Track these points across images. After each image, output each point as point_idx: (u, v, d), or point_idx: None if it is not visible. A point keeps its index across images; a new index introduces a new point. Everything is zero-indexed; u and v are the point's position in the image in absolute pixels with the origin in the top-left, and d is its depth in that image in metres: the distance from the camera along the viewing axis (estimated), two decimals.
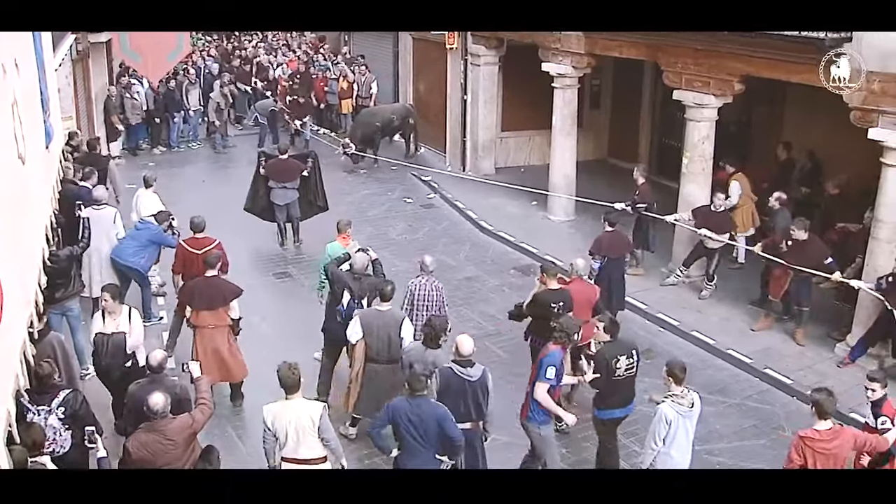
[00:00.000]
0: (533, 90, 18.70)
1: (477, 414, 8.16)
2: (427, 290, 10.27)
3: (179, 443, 7.26)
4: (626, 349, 8.79)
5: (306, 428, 7.48)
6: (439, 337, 8.59)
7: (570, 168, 17.23)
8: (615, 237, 12.28)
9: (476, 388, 8.06)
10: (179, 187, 18.94)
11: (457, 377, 8.00)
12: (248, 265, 10.83)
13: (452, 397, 7.96)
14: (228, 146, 23.59)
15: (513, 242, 16.19)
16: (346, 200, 18.67)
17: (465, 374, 8.01)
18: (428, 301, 10.23)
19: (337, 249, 11.30)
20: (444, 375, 8.06)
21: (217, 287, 10.14)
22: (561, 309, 9.73)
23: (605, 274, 12.05)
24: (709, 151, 13.73)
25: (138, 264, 12.16)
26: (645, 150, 20.59)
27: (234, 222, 15.52)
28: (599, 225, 16.29)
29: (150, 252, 12.32)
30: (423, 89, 23.43)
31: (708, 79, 13.00)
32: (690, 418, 7.79)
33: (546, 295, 10.03)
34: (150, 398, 7.19)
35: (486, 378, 8.16)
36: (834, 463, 7.25)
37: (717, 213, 13.03)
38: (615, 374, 8.67)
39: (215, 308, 10.05)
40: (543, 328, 9.56)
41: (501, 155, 21.19)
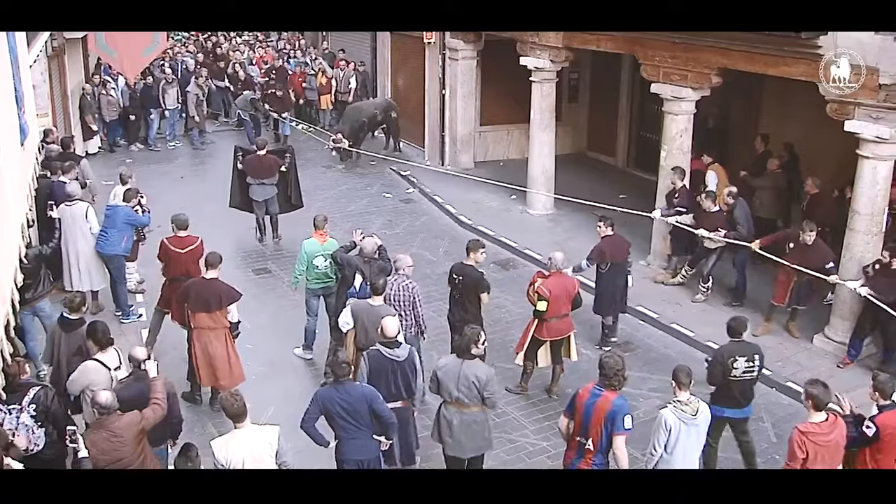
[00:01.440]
0: (511, 84, 18.70)
1: (407, 392, 8.45)
2: (400, 290, 9.96)
3: (128, 440, 7.14)
4: (748, 351, 8.74)
5: (263, 456, 6.98)
6: (470, 347, 8.12)
7: (548, 162, 17.26)
8: (615, 242, 11.71)
9: (405, 367, 8.35)
10: (158, 184, 18.78)
11: (385, 359, 8.26)
12: (227, 261, 10.76)
13: (383, 378, 8.27)
14: (207, 142, 23.46)
15: (492, 237, 16.17)
16: (325, 195, 18.63)
17: (393, 354, 8.29)
18: (401, 302, 9.91)
19: (314, 246, 11.28)
20: (372, 358, 8.30)
21: (214, 289, 9.95)
22: (461, 283, 10.24)
23: (608, 280, 11.75)
24: (687, 144, 13.80)
25: (123, 249, 12.22)
26: (623, 143, 20.67)
27: (213, 218, 15.46)
28: (580, 219, 16.58)
29: (128, 235, 12.34)
30: (401, 84, 23.38)
31: (685, 72, 13.05)
32: (696, 426, 7.56)
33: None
34: (97, 395, 7.16)
35: (412, 357, 8.48)
36: (834, 453, 7.32)
37: (710, 214, 12.76)
38: (730, 374, 8.63)
39: (212, 311, 9.88)
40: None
41: (480, 149, 21.19)
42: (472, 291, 10.31)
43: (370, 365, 8.25)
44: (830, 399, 7.50)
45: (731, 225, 12.57)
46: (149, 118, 22.87)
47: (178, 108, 23.20)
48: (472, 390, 8.02)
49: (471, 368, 8.05)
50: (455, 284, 10.42)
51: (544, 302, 10.21)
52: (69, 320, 8.95)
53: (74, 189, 12.25)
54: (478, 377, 8.00)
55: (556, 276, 10.44)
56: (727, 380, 8.66)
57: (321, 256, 11.22)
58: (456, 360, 8.17)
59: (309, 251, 11.25)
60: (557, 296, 10.24)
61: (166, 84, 22.68)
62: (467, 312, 10.31)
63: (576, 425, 7.61)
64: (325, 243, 11.32)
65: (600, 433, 7.40)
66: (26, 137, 9.85)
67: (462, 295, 10.37)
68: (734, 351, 8.70)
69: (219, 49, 29.51)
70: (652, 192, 14.43)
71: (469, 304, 10.35)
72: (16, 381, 7.43)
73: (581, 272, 11.70)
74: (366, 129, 21.85)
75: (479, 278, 10.35)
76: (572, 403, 7.66)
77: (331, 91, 23.98)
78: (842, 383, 10.07)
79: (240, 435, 7.05)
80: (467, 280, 10.32)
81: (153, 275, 12.45)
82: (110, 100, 21.71)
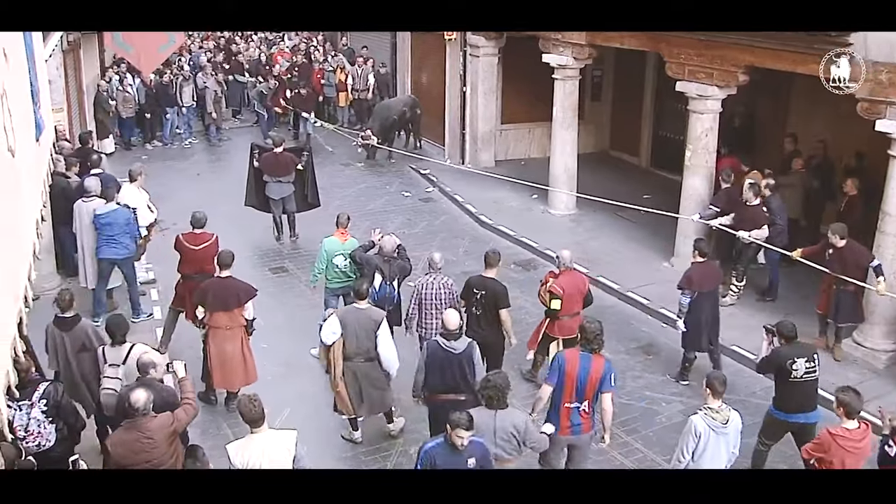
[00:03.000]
0: (533, 82, 18.62)
1: (464, 385, 8.42)
2: (435, 288, 10.09)
3: (160, 441, 7.14)
4: (806, 352, 8.68)
5: (281, 462, 6.90)
6: (504, 396, 7.46)
7: (570, 161, 17.20)
8: (706, 269, 10.94)
9: (461, 360, 8.39)
10: (174, 181, 18.92)
11: (442, 349, 8.41)
12: (244, 260, 10.84)
13: (438, 369, 8.40)
14: (223, 139, 23.53)
15: (513, 237, 16.16)
16: (343, 194, 18.65)
17: (450, 346, 8.39)
18: (436, 300, 10.04)
19: (334, 244, 11.29)
20: (430, 348, 8.48)
21: (232, 287, 9.99)
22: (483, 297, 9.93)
23: (697, 309, 10.85)
24: (712, 144, 13.71)
25: (129, 252, 12.18)
26: (647, 142, 20.58)
27: (229, 216, 15.49)
28: (602, 219, 16.54)
29: (132, 235, 12.26)
30: (421, 81, 23.37)
31: (711, 70, 12.96)
32: (725, 435, 7.52)
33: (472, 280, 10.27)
34: (131, 395, 7.12)
35: (471, 350, 8.48)
36: (860, 459, 7.34)
37: (750, 207, 12.51)
38: (791, 377, 8.56)
39: (230, 309, 9.91)
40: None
41: (501, 147, 21.13)
42: (494, 307, 9.94)
43: (427, 354, 8.49)
44: (862, 406, 7.44)
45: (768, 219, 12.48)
46: (164, 116, 23.00)
47: (194, 106, 23.30)
48: (512, 441, 7.46)
49: (507, 419, 7.45)
50: (476, 299, 9.96)
51: (558, 300, 10.24)
52: (64, 319, 8.90)
53: (92, 185, 12.24)
54: (516, 426, 7.43)
55: (566, 274, 10.46)
56: (789, 383, 8.58)
57: (341, 255, 11.22)
58: (487, 411, 7.41)
59: (329, 249, 11.25)
60: (570, 294, 10.28)
61: (183, 81, 22.83)
62: (488, 331, 9.96)
63: (567, 392, 7.94)
64: (345, 242, 11.33)
65: (594, 395, 7.96)
66: (41, 133, 9.88)
67: (484, 310, 9.93)
68: (792, 353, 8.62)
69: (233, 46, 29.59)
70: (676, 192, 14.35)
71: (491, 321, 9.97)
72: (26, 377, 7.46)
73: (683, 311, 10.86)
74: (396, 127, 21.96)
75: (503, 293, 9.99)
76: (560, 372, 7.94)
77: (348, 88, 24.01)
78: (871, 390, 10.00)
79: (257, 439, 7.02)
80: (489, 294, 9.92)
81: (167, 273, 12.49)
82: (126, 96, 21.87)
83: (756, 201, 12.55)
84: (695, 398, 10.46)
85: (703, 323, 10.89)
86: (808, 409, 8.71)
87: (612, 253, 15.23)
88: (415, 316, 10.19)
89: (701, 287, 10.78)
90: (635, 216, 15.39)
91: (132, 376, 8.07)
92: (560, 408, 8.02)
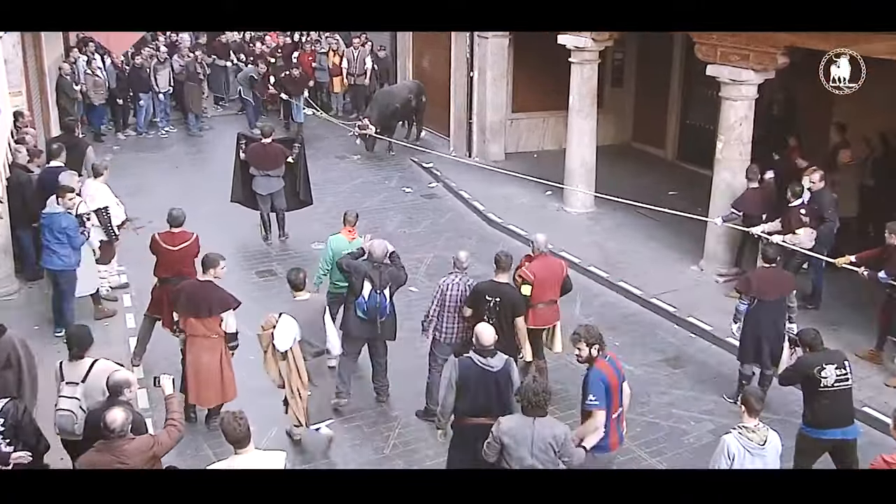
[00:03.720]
0: (548, 66, 18.55)
1: (499, 407, 8.11)
2: (461, 289, 10.15)
3: (136, 466, 6.94)
4: (835, 358, 8.60)
5: None
6: (543, 401, 7.33)
7: (588, 153, 17.10)
8: (771, 276, 10.68)
9: (498, 379, 8.17)
10: (149, 175, 18.84)
11: (476, 367, 8.15)
12: (228, 262, 10.69)
13: (471, 389, 8.13)
14: (205, 128, 23.45)
15: (524, 237, 15.99)
16: (337, 189, 18.56)
17: (486, 364, 8.15)
18: (460, 302, 10.13)
19: (341, 242, 11.27)
20: (463, 366, 8.19)
21: (207, 294, 9.83)
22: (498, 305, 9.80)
23: (755, 320, 10.56)
24: (746, 134, 13.56)
25: (70, 263, 11.80)
26: (674, 133, 20.52)
27: (211, 214, 15.41)
28: (623, 218, 16.43)
29: (76, 246, 11.86)
30: (424, 66, 23.32)
31: (747, 51, 12.81)
32: (762, 458, 7.36)
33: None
34: (107, 414, 6.98)
35: (509, 368, 8.27)
36: None
37: (791, 208, 12.39)
38: (822, 385, 8.47)
39: (201, 317, 9.80)
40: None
41: (512, 139, 21.08)
42: (511, 315, 9.89)
43: (460, 373, 8.18)
44: None
45: (816, 215, 12.28)
46: (138, 103, 22.80)
47: (170, 91, 23.13)
48: (549, 453, 7.35)
49: (546, 428, 7.37)
50: (489, 307, 9.81)
51: (528, 286, 10.36)
52: None
53: (69, 181, 12.11)
54: (555, 437, 7.36)
55: (541, 259, 10.62)
56: (819, 393, 8.47)
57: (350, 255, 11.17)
58: (524, 419, 7.38)
59: (335, 249, 11.18)
60: (543, 279, 10.44)
61: (158, 63, 22.62)
62: (503, 342, 9.63)
63: (613, 405, 8.01)
64: (353, 241, 11.31)
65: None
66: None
67: (498, 319, 9.69)
68: (819, 360, 8.52)
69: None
70: (706, 188, 14.24)
71: (507, 330, 9.78)
72: None
73: (739, 317, 10.69)
74: (398, 116, 21.84)
75: (520, 299, 10.05)
76: (607, 391, 7.89)
77: (342, 72, 23.91)
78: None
79: (241, 461, 6.88)
80: (505, 301, 9.83)
81: (141, 276, 12.38)
82: (97, 80, 21.66)
83: (796, 202, 12.40)
84: (727, 417, 10.37)
85: (763, 336, 10.56)
86: (843, 422, 8.55)
87: (634, 255, 15.15)
88: (434, 318, 10.29)
89: (761, 294, 10.51)
90: (660, 214, 15.26)
91: (93, 396, 7.91)
92: (608, 423, 7.99)
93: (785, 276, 10.96)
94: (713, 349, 12.31)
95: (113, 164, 13.68)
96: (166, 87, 22.89)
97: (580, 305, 13.40)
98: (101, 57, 22.28)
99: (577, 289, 13.82)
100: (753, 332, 10.60)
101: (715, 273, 13.97)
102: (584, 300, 13.61)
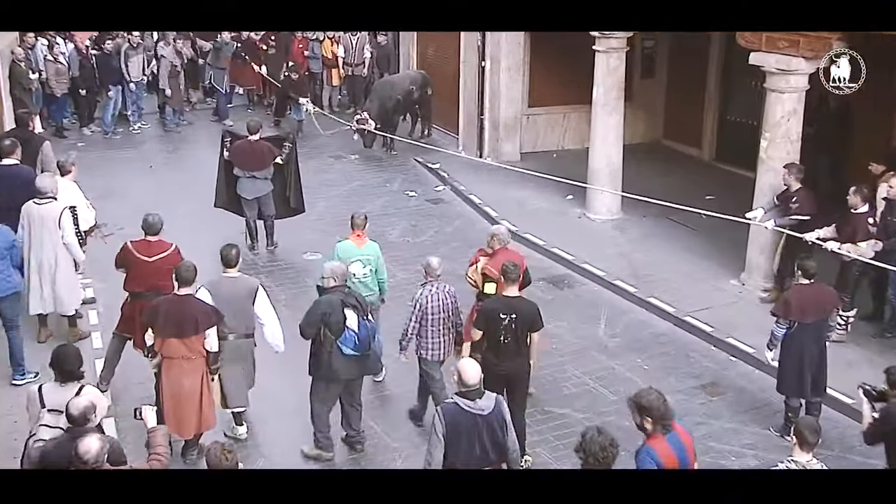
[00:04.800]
0: (569, 55, 18.58)
1: (496, 454, 8.02)
2: (441, 298, 10.34)
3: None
4: None
5: None
6: (613, 458, 6.88)
7: (614, 153, 17.13)
8: (812, 294, 10.56)
9: (491, 423, 7.95)
10: (120, 176, 18.85)
11: (465, 413, 7.88)
12: (208, 274, 10.68)
13: (464, 439, 7.87)
14: (182, 123, 23.47)
15: (542, 247, 16.09)
16: (332, 193, 18.59)
17: (475, 407, 7.90)
18: (443, 313, 10.31)
19: (350, 250, 11.35)
20: (448, 413, 7.90)
21: (190, 309, 9.80)
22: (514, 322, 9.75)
23: (796, 345, 10.47)
24: (795, 131, 13.52)
25: (11, 286, 11.58)
26: (711, 129, 20.50)
27: (191, 219, 15.48)
28: (653, 225, 16.42)
29: (6, 264, 11.60)
30: (430, 54, 23.37)
31: (797, 36, 12.70)
32: None
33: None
34: (80, 443, 6.95)
35: (500, 408, 8.05)
36: None
37: (856, 216, 12.25)
38: None
39: (186, 335, 9.75)
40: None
41: (528, 137, 21.14)
42: (529, 331, 9.93)
43: (446, 422, 7.87)
44: None
45: (886, 229, 12.16)
46: (106, 94, 22.57)
47: (144, 81, 23.07)
48: None
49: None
50: (504, 326, 9.80)
51: (493, 284, 10.60)
52: None
53: (46, 184, 12.03)
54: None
55: (502, 254, 10.83)
56: None
57: (358, 262, 11.27)
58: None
59: (344, 256, 11.22)
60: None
61: (130, 49, 22.45)
62: (519, 360, 9.93)
63: None
64: (363, 247, 11.42)
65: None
66: None
67: (515, 337, 9.83)
68: None
69: None
70: (748, 191, 14.22)
71: (523, 349, 9.93)
72: None
73: (775, 343, 10.65)
74: (400, 110, 21.84)
75: (537, 312, 10.00)
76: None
77: (339, 64, 23.95)
78: None
79: None
80: (522, 317, 9.82)
81: (111, 290, 12.42)
82: (59, 68, 21.43)
83: (863, 208, 12.32)
84: (772, 451, 10.33)
85: (806, 363, 10.48)
86: None
87: (666, 267, 15.14)
88: (413, 336, 10.43)
89: (802, 317, 10.43)
90: (695, 221, 15.24)
91: None
92: None
93: (827, 292, 10.84)
94: (755, 374, 12.25)
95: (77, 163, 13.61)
96: (139, 77, 22.73)
97: (605, 325, 13.41)
98: (64, 41, 22.18)
99: (601, 306, 13.99)
100: (794, 360, 10.55)
101: (758, 288, 13.93)
102: (610, 318, 13.64)
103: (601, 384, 11.87)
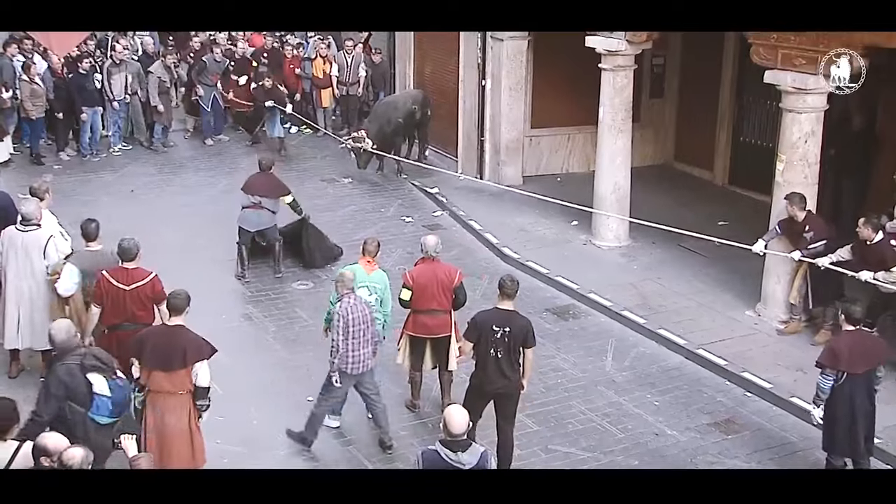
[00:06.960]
0: (574, 73, 18.64)
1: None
2: (361, 309, 10.73)
3: None
4: None
5: None
6: None
7: (622, 176, 17.11)
8: (861, 341, 10.24)
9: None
10: (98, 201, 18.74)
11: (444, 463, 7.66)
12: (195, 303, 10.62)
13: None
14: (168, 144, 23.39)
15: (546, 276, 16.05)
16: (326, 219, 18.48)
17: (456, 460, 7.64)
18: (363, 324, 10.68)
19: (358, 275, 11.35)
20: (427, 461, 7.71)
21: (179, 340, 9.76)
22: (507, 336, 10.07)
23: (844, 398, 10.01)
24: (813, 153, 13.48)
25: None
26: (724, 151, 20.48)
27: (173, 246, 15.47)
28: (663, 253, 16.39)
29: None
30: (427, 72, 23.40)
31: (815, 53, 12.67)
32: None
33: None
34: (65, 452, 6.95)
35: (485, 463, 7.81)
36: None
37: (872, 246, 12.29)
38: None
39: (173, 369, 9.72)
40: None
41: (531, 159, 21.13)
42: (522, 346, 10.19)
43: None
44: None
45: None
46: (80, 116, 21.95)
47: (126, 100, 22.82)
48: None
49: None
50: (496, 339, 10.07)
51: (408, 291, 11.29)
52: None
53: (32, 210, 11.97)
54: None
55: (425, 264, 11.50)
56: None
57: (365, 288, 11.35)
58: None
59: (356, 281, 11.24)
60: (424, 286, 11.26)
61: (112, 66, 22.27)
62: (511, 377, 10.23)
63: None
64: (371, 273, 11.52)
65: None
66: None
67: (507, 352, 10.09)
68: None
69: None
70: (763, 217, 14.21)
71: (516, 365, 10.24)
72: None
73: (822, 397, 10.12)
74: (401, 132, 21.71)
75: (531, 328, 10.28)
76: None
77: (331, 83, 23.93)
78: None
79: None
80: (516, 331, 10.07)
81: None
82: (35, 89, 20.90)
83: (878, 237, 12.29)
84: None
85: (859, 419, 10.07)
86: None
87: (677, 297, 15.10)
88: (338, 349, 10.68)
89: (851, 367, 9.98)
90: (707, 249, 15.21)
91: None
92: None
93: (876, 340, 10.62)
94: (773, 411, 12.21)
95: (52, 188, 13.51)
96: (121, 95, 22.49)
97: (613, 358, 13.34)
98: (42, 58, 21.95)
99: (608, 338, 13.91)
100: (846, 416, 10.09)
101: (775, 319, 13.90)
102: (618, 351, 13.56)
103: (608, 421, 11.78)
